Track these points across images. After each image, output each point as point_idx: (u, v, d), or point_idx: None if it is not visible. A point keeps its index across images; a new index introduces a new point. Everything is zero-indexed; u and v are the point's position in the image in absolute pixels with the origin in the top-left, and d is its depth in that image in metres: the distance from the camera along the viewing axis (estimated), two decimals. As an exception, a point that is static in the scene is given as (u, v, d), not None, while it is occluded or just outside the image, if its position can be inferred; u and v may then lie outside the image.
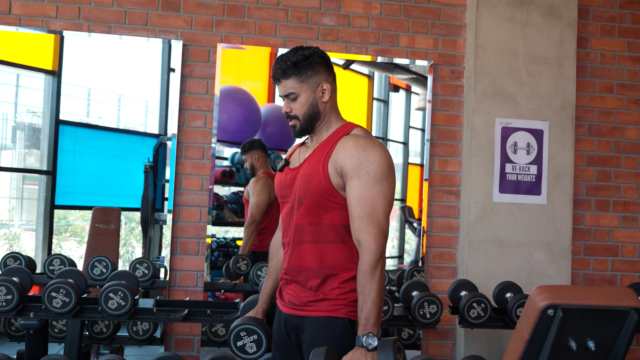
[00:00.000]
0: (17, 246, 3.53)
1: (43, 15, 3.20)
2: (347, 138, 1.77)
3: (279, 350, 1.87)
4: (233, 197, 3.65)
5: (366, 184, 1.68)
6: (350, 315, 1.73)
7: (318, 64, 1.80)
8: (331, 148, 1.77)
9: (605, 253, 3.53)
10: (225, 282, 3.42)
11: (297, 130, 1.85)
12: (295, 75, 1.79)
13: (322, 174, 1.75)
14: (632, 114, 3.60)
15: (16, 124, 3.56)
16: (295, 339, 1.80)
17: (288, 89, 1.80)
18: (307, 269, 1.76)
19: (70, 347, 2.77)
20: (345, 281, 1.74)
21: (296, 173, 1.83)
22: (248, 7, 3.34)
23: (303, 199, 1.76)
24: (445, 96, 3.47)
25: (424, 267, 3.41)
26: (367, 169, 1.69)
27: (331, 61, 1.86)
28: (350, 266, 1.75)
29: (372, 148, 1.72)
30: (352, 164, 1.70)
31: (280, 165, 1.94)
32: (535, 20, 3.37)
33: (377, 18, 3.43)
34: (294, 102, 1.81)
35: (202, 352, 3.20)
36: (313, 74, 1.79)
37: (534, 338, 1.76)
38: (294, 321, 1.80)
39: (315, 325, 1.74)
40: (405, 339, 3.31)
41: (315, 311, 1.75)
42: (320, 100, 1.81)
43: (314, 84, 1.80)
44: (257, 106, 3.63)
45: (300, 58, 1.78)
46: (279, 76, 1.80)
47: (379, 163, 1.70)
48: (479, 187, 3.31)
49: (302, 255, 1.77)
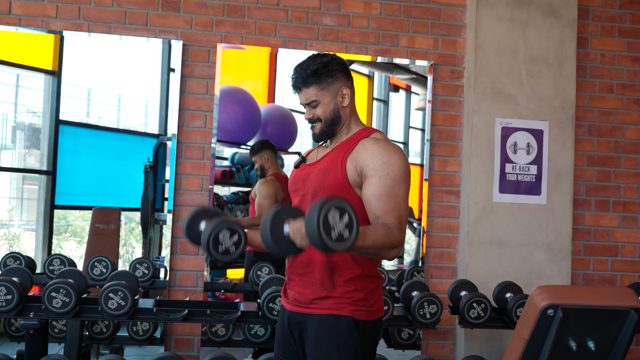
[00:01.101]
0: (17, 246, 3.53)
1: (43, 15, 3.21)
2: (367, 140, 1.80)
3: (281, 348, 1.87)
4: (233, 197, 3.65)
5: (388, 183, 1.71)
6: (354, 313, 1.73)
7: (337, 71, 1.83)
8: (351, 147, 1.80)
9: (605, 253, 3.53)
10: (225, 282, 3.42)
11: (318, 134, 1.87)
12: (316, 84, 1.82)
13: (340, 169, 1.77)
14: (632, 114, 3.60)
15: (16, 124, 3.57)
16: (299, 337, 1.81)
17: (310, 97, 1.83)
18: (316, 261, 1.77)
19: (70, 347, 2.77)
20: (350, 279, 1.75)
21: (312, 168, 1.86)
22: (248, 7, 3.34)
23: (317, 192, 1.78)
24: (445, 96, 3.47)
25: (424, 267, 3.41)
26: (389, 170, 1.72)
27: (348, 66, 1.89)
28: (356, 264, 1.76)
29: (393, 151, 1.76)
30: (374, 163, 1.73)
31: (297, 162, 1.96)
32: (535, 20, 3.37)
33: (377, 18, 3.43)
34: (316, 109, 1.84)
35: (202, 352, 3.20)
36: (333, 80, 1.83)
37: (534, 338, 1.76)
38: (297, 318, 1.80)
39: (319, 323, 1.74)
40: (405, 338, 3.31)
41: (319, 309, 1.75)
42: (341, 105, 1.85)
43: (334, 91, 1.83)
44: (257, 106, 3.63)
45: (319, 66, 1.81)
46: (300, 85, 1.83)
47: (399, 165, 1.74)
48: (479, 187, 3.31)
49: (311, 248, 1.78)
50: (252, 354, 3.23)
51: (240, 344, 3.15)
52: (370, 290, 1.77)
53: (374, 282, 1.79)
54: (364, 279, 1.76)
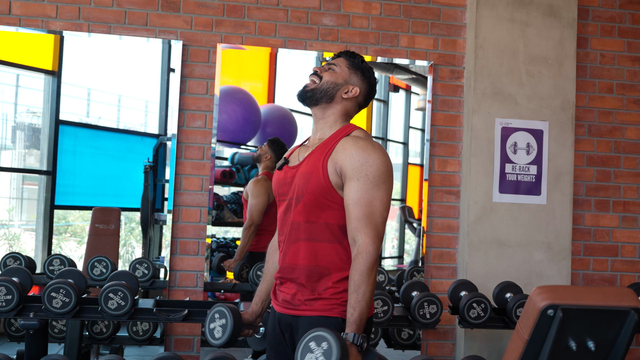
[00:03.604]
0: (17, 246, 3.53)
1: (43, 15, 3.20)
2: (347, 139, 1.79)
3: (273, 350, 1.87)
4: (233, 197, 3.65)
5: (365, 186, 1.70)
6: (344, 314, 1.73)
7: (366, 77, 1.91)
8: (331, 148, 1.79)
9: (605, 253, 3.54)
10: (225, 282, 3.42)
11: (303, 90, 1.90)
12: (348, 62, 1.91)
13: (322, 172, 1.76)
14: (632, 114, 3.60)
15: (16, 124, 3.57)
16: (290, 339, 1.81)
17: (334, 62, 1.92)
18: (301, 267, 1.77)
19: (70, 347, 2.77)
20: (339, 281, 1.75)
21: (295, 171, 1.84)
22: (248, 7, 3.34)
23: (301, 197, 1.78)
24: (445, 96, 3.47)
25: (423, 267, 3.41)
26: (367, 171, 1.71)
27: (376, 88, 1.98)
28: (345, 266, 1.75)
29: (372, 150, 1.74)
30: (352, 164, 1.72)
31: (279, 164, 1.96)
32: (535, 21, 3.37)
33: (377, 18, 3.43)
34: (327, 71, 1.90)
35: (202, 352, 3.20)
36: (356, 75, 1.90)
37: (534, 338, 1.76)
38: (288, 320, 1.81)
39: (309, 324, 1.74)
40: (405, 339, 3.31)
41: (309, 310, 1.75)
42: (342, 92, 1.87)
43: (350, 79, 1.89)
44: (257, 106, 3.63)
45: (361, 59, 1.93)
46: (341, 54, 1.94)
47: (378, 166, 1.72)
48: (479, 187, 3.31)
49: (298, 253, 1.79)
50: (252, 354, 3.23)
51: (240, 344, 3.15)
52: None
53: None
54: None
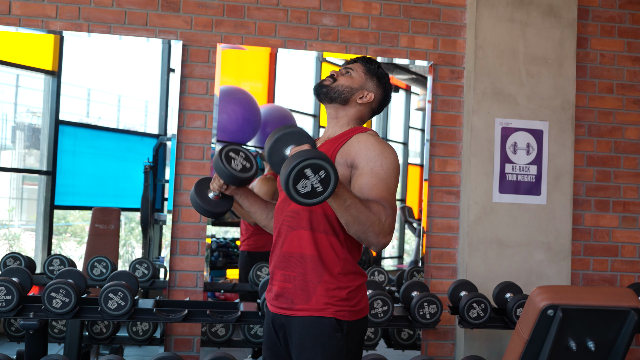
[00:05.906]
0: (17, 246, 3.53)
1: (43, 15, 3.21)
2: (362, 134, 1.83)
3: (269, 351, 1.88)
4: (233, 198, 3.64)
5: (381, 173, 1.74)
6: (337, 314, 1.73)
7: (382, 83, 1.94)
8: (343, 141, 1.82)
9: (605, 253, 3.54)
10: (225, 282, 3.42)
11: (323, 85, 1.91)
12: (365, 68, 1.94)
13: None
14: (632, 114, 3.60)
15: (16, 124, 3.57)
16: (284, 339, 1.81)
17: (352, 67, 1.94)
18: (297, 255, 1.77)
19: (70, 347, 2.77)
20: (333, 275, 1.74)
21: None
22: (248, 7, 3.34)
23: None
24: (445, 96, 3.47)
25: (423, 267, 3.41)
26: (382, 163, 1.75)
27: (391, 95, 2.00)
28: (339, 261, 1.76)
29: (386, 146, 1.80)
30: (367, 155, 1.76)
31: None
32: (535, 21, 3.37)
33: (377, 18, 3.43)
34: (344, 75, 1.92)
35: (202, 352, 3.20)
36: (372, 80, 1.93)
37: (534, 338, 1.76)
38: (281, 321, 1.81)
39: (302, 325, 1.74)
40: (405, 339, 3.31)
41: (301, 310, 1.75)
42: (357, 97, 1.90)
43: (366, 84, 1.92)
44: (257, 106, 3.63)
45: (378, 66, 1.95)
46: (358, 59, 1.97)
47: (391, 161, 1.78)
48: (479, 187, 3.31)
49: (294, 241, 1.79)
50: (252, 354, 3.23)
51: (240, 344, 3.15)
52: (353, 289, 1.76)
53: (356, 280, 1.78)
54: (345, 276, 1.75)
